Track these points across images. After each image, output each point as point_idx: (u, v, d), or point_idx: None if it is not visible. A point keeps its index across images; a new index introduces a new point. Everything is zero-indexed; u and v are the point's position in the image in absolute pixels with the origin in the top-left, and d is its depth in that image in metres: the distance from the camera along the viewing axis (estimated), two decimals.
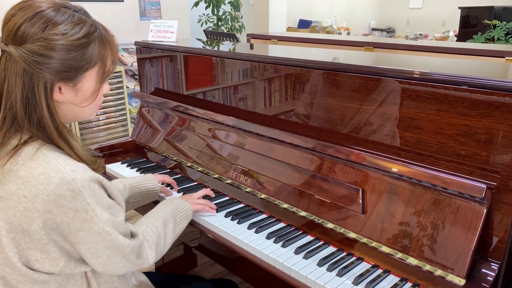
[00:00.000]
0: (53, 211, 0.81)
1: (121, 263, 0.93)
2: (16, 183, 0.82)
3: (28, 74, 0.84)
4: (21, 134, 0.87)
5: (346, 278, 1.02)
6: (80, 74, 0.89)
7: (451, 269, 0.95)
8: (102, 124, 3.41)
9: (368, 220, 1.10)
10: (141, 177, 1.37)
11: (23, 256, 0.84)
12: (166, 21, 2.01)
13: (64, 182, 0.81)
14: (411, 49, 2.53)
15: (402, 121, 1.11)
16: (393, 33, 9.54)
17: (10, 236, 0.82)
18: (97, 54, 0.91)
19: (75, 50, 0.86)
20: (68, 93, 0.90)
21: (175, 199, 1.23)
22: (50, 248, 0.84)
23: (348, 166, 1.18)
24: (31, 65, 0.83)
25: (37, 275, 0.86)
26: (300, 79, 1.35)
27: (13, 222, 0.82)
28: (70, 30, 0.85)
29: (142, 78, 2.04)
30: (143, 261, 0.98)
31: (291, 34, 3.68)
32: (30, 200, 0.81)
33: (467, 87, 0.99)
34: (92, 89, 0.93)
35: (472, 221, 0.95)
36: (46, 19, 0.84)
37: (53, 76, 0.86)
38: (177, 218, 1.16)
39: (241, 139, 1.48)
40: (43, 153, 0.85)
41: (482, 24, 5.14)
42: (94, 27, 0.90)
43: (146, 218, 1.11)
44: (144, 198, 1.36)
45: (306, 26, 7.82)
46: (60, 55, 0.85)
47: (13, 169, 0.83)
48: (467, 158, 1.01)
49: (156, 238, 1.04)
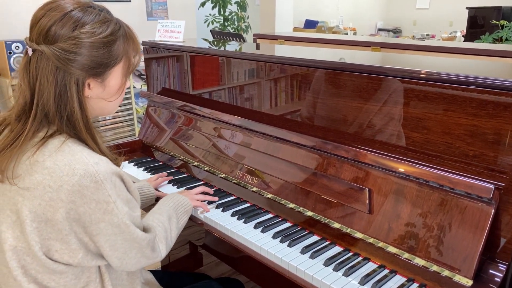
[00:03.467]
0: (76, 201, 0.84)
1: (136, 258, 0.97)
2: (42, 174, 0.85)
3: (61, 71, 0.88)
4: (48, 127, 0.91)
5: (352, 278, 1.02)
6: (108, 70, 0.94)
7: (458, 269, 0.95)
8: (109, 124, 3.43)
9: (375, 220, 1.10)
10: (137, 185, 1.41)
11: (44, 245, 0.87)
12: (174, 21, 2.02)
13: (88, 173, 0.85)
14: (418, 49, 2.52)
15: (409, 121, 1.11)
16: (400, 34, 9.49)
17: (34, 226, 0.85)
18: (122, 50, 0.96)
19: (103, 48, 0.91)
20: (96, 88, 0.95)
21: (175, 195, 1.27)
22: (70, 239, 0.87)
23: (355, 166, 1.18)
24: (63, 62, 0.87)
25: (55, 265, 0.88)
26: (306, 79, 1.35)
27: (38, 211, 0.85)
28: (98, 29, 0.91)
29: (149, 77, 2.05)
30: (156, 254, 1.02)
31: (297, 34, 3.68)
32: (55, 190, 0.84)
33: (475, 87, 0.99)
34: (119, 84, 0.99)
35: (480, 221, 0.95)
36: (75, 20, 0.89)
37: (84, 72, 0.90)
38: (179, 213, 1.20)
39: (247, 138, 1.49)
40: (69, 146, 0.88)
41: (490, 25, 5.10)
42: (119, 25, 0.96)
43: (151, 214, 1.14)
44: (141, 205, 1.39)
45: (313, 26, 7.80)
46: (89, 52, 0.89)
47: (40, 160, 0.86)
48: (475, 159, 1.01)
49: (164, 232, 1.07)
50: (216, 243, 1.30)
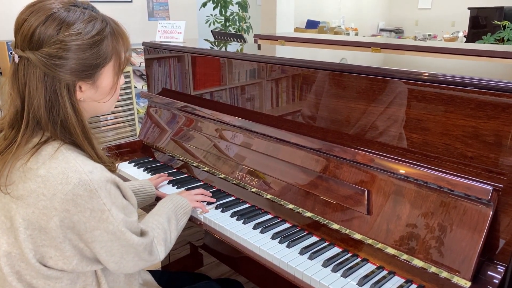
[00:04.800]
0: (70, 210, 0.83)
1: (134, 261, 0.96)
2: (35, 182, 0.84)
3: (49, 77, 0.85)
4: (43, 133, 0.88)
5: (351, 279, 1.02)
6: (98, 71, 0.91)
7: (456, 271, 0.95)
8: (110, 124, 3.44)
9: (374, 222, 1.10)
10: (139, 183, 1.41)
11: (38, 252, 0.86)
12: (174, 22, 2.03)
13: (82, 182, 0.83)
14: (417, 50, 2.52)
15: (409, 122, 1.11)
16: (402, 34, 9.48)
17: (27, 233, 0.84)
18: (111, 49, 0.92)
19: (91, 49, 0.88)
20: (88, 90, 0.92)
21: (174, 196, 1.26)
22: (64, 247, 0.86)
23: (354, 167, 1.18)
24: (51, 68, 0.84)
25: (50, 271, 0.87)
26: (307, 80, 1.35)
27: (32, 219, 0.84)
28: (84, 29, 0.87)
29: (150, 78, 2.06)
30: (154, 257, 1.01)
31: (298, 35, 3.68)
32: (49, 199, 0.82)
33: (474, 88, 0.99)
34: (111, 83, 0.95)
35: (478, 223, 0.95)
36: (59, 21, 0.85)
37: (73, 76, 0.87)
38: (178, 214, 1.19)
39: (248, 139, 1.49)
40: (63, 153, 0.86)
41: (492, 25, 5.09)
42: (105, 22, 0.92)
43: (150, 216, 1.13)
44: (142, 203, 1.40)
45: (314, 26, 7.80)
46: (77, 55, 0.86)
47: (33, 168, 0.85)
48: (473, 160, 1.01)
49: (163, 234, 1.07)
50: (215, 244, 1.31)
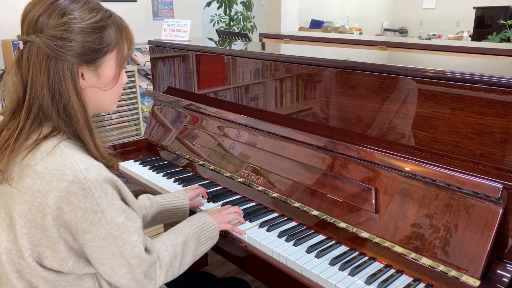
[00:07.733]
0: (63, 208, 0.81)
1: (126, 278, 0.90)
2: (32, 178, 0.83)
3: (52, 59, 0.86)
4: (42, 128, 0.88)
5: (358, 277, 1.01)
6: (100, 57, 0.92)
7: (465, 270, 0.94)
8: (115, 123, 3.44)
9: (381, 220, 1.09)
10: (171, 196, 1.32)
11: (35, 251, 0.85)
12: (179, 20, 2.02)
13: (77, 180, 0.82)
14: (424, 48, 2.50)
15: (416, 120, 1.10)
16: (406, 34, 9.44)
17: (24, 231, 0.83)
18: (114, 38, 0.93)
19: (94, 33, 0.89)
20: (90, 77, 0.92)
21: (203, 216, 1.15)
22: (59, 248, 0.84)
23: (361, 165, 1.18)
24: (54, 49, 0.85)
25: (46, 272, 0.86)
26: (312, 77, 1.34)
27: (28, 216, 0.83)
28: (87, 15, 0.89)
29: (155, 77, 2.06)
30: (149, 281, 0.92)
31: (304, 34, 3.67)
32: (44, 196, 0.81)
33: (483, 85, 0.98)
34: (113, 73, 0.96)
35: (488, 221, 0.94)
36: (63, 7, 0.87)
37: (76, 59, 0.88)
38: (201, 238, 1.09)
39: (253, 137, 1.48)
40: (61, 149, 0.85)
41: (497, 24, 5.07)
42: (109, 13, 0.94)
43: (167, 234, 1.06)
44: (173, 217, 1.32)
45: (318, 26, 7.79)
46: (80, 38, 0.87)
47: (31, 164, 0.84)
48: (482, 158, 1.00)
49: (170, 259, 0.99)
50: (221, 242, 1.30)
